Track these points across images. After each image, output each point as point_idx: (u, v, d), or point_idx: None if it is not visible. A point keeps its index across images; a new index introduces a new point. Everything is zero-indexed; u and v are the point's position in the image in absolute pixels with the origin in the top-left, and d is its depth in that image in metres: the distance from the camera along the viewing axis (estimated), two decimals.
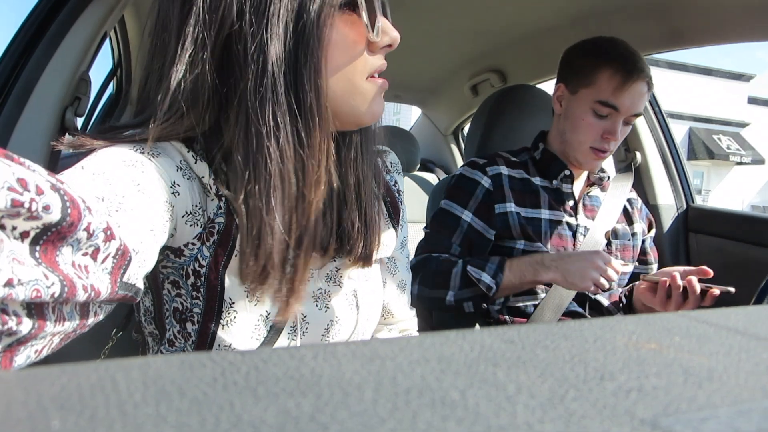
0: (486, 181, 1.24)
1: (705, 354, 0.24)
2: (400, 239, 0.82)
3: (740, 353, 0.24)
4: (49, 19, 1.11)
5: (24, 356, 0.33)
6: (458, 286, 1.16)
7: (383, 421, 0.16)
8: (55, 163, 1.11)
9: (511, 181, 1.25)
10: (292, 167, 0.55)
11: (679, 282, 1.08)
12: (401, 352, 0.21)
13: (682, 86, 16.90)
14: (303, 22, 0.54)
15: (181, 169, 0.56)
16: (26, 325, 0.31)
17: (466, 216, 1.23)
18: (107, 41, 1.79)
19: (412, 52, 1.95)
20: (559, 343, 0.23)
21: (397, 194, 0.80)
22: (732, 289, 1.03)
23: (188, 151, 0.57)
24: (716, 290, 1.04)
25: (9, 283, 0.28)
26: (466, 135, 2.48)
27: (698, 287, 1.06)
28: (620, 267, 1.10)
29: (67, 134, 0.55)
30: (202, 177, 0.57)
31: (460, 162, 2.60)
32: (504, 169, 1.26)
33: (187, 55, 0.53)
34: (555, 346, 0.23)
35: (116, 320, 0.76)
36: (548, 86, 1.81)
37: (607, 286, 1.08)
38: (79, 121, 1.21)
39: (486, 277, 1.14)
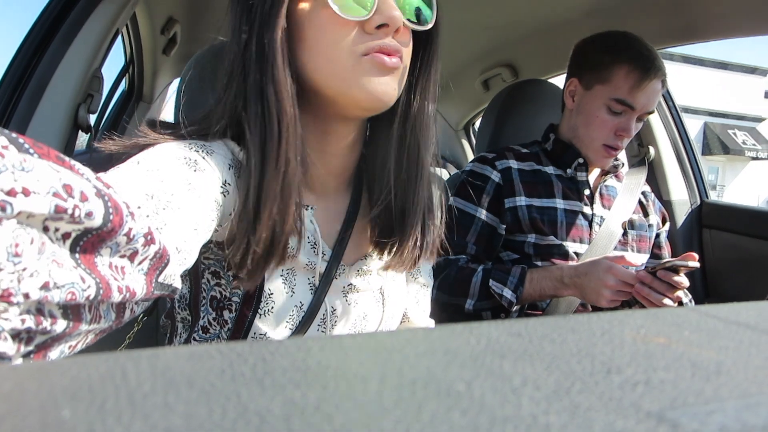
0: (496, 176, 1.24)
1: (714, 348, 0.24)
2: None
3: (750, 348, 0.24)
4: (61, 17, 1.12)
5: (57, 352, 0.34)
6: (477, 296, 1.16)
7: (388, 411, 0.16)
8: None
9: (521, 174, 1.25)
10: (274, 153, 0.56)
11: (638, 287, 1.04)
12: (407, 344, 0.21)
13: (698, 81, 16.66)
14: (255, 19, 0.57)
15: (233, 167, 0.58)
16: (61, 325, 0.32)
17: (480, 213, 1.23)
18: (119, 39, 1.80)
19: None
20: (567, 337, 0.23)
21: None
22: (696, 264, 0.99)
23: (240, 150, 0.59)
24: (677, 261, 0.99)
25: (45, 287, 0.29)
26: (477, 130, 2.47)
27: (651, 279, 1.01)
28: (630, 278, 1.05)
29: (144, 125, 0.59)
30: None
31: (471, 157, 2.59)
32: (513, 163, 1.26)
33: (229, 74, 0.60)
34: (562, 339, 0.23)
35: None
36: (560, 80, 1.80)
37: (621, 300, 1.07)
38: (92, 118, 1.22)
39: (507, 292, 1.14)
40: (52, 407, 0.15)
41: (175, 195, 0.48)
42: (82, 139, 1.67)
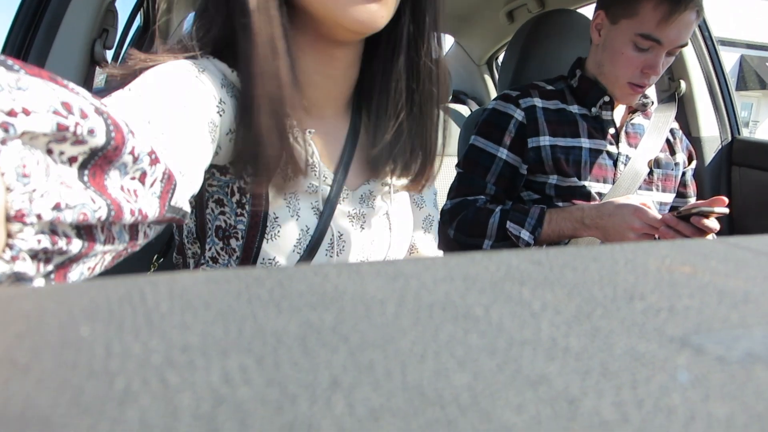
0: (519, 114, 1.20)
1: (742, 278, 0.23)
2: None
3: None
4: None
5: (77, 273, 0.35)
6: (495, 237, 1.16)
7: (405, 332, 0.15)
8: None
9: (545, 113, 1.21)
10: (283, 64, 0.56)
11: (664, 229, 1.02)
12: (426, 270, 0.21)
13: (737, 9, 15.70)
14: None
15: (225, 86, 0.58)
16: (76, 245, 0.33)
17: (502, 153, 1.21)
18: None
19: None
20: (589, 265, 0.23)
21: None
22: (726, 210, 0.96)
23: (232, 71, 0.58)
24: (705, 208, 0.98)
25: (57, 207, 0.29)
26: (500, 64, 2.39)
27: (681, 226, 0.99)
28: (657, 221, 1.03)
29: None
30: None
31: (493, 93, 2.52)
32: (538, 101, 1.22)
33: None
34: (584, 267, 0.23)
35: (157, 246, 0.79)
36: (590, 10, 1.71)
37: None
38: (109, 54, 1.21)
39: (525, 234, 1.13)
40: (70, 326, 0.15)
41: (172, 118, 0.47)
42: (101, 78, 1.66)
